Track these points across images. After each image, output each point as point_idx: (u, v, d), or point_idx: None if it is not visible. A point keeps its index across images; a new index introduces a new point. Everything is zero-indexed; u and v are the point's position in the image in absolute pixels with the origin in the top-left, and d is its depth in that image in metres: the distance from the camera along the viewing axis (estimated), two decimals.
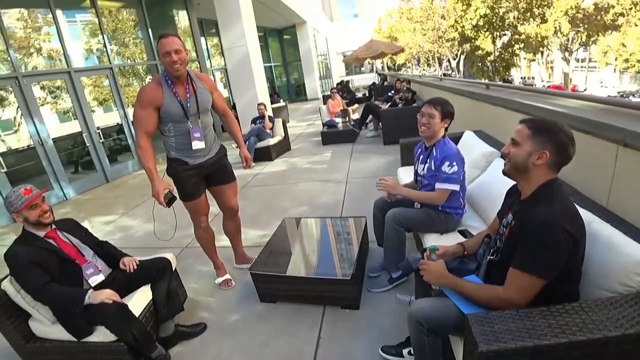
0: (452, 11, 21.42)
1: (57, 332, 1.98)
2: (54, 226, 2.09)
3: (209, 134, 2.39)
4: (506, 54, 24.38)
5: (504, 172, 1.38)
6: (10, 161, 5.93)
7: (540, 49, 24.61)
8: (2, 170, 5.59)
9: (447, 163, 2.15)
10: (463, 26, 20.73)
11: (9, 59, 5.97)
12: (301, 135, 8.89)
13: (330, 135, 7.28)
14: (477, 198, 2.41)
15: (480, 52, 27.22)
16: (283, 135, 7.05)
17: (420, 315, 1.39)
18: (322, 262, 2.48)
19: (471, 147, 2.84)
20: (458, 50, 27.13)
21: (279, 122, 7.05)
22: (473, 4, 19.06)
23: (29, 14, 6.68)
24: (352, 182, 4.72)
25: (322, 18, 28.00)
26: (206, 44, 12.35)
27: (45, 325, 2.01)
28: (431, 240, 2.21)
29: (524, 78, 34.16)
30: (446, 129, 2.31)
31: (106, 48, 7.60)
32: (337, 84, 15.89)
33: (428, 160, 2.29)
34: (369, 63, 31.33)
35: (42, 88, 7.04)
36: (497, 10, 19.04)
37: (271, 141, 6.62)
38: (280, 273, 2.37)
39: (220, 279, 2.76)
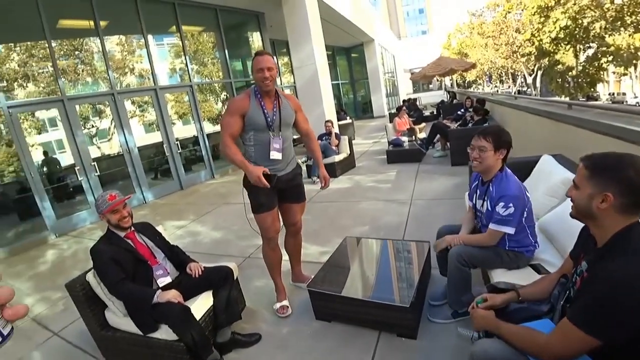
0: (528, 24, 20.00)
1: (127, 325, 2.14)
2: (133, 228, 2.29)
3: (287, 148, 2.45)
4: (591, 68, 21.94)
5: (572, 216, 1.20)
6: (102, 166, 6.66)
7: (634, 61, 21.72)
8: (96, 174, 6.31)
9: (502, 204, 1.94)
10: (540, 40, 19.13)
11: (107, 78, 6.81)
12: (366, 153, 8.83)
13: (396, 154, 7.12)
14: (554, 230, 2.13)
15: (560, 67, 24.93)
16: (348, 152, 7.04)
17: (484, 359, 1.24)
18: (381, 285, 2.38)
19: (549, 173, 2.56)
20: (535, 66, 25.22)
21: (345, 139, 7.07)
22: (552, 16, 17.50)
23: (126, 39, 7.57)
24: (416, 204, 4.53)
25: (389, 36, 28.03)
26: (277, 63, 12.91)
27: (118, 316, 2.19)
28: (499, 275, 2.00)
29: (613, 94, 30.40)
30: (504, 160, 2.06)
31: (187, 68, 8.30)
32: (404, 102, 15.64)
33: (485, 198, 2.09)
34: (437, 80, 30.52)
35: (132, 103, 7.87)
36: (580, 21, 17.27)
37: (336, 158, 6.64)
38: (338, 293, 2.30)
39: (278, 305, 2.63)
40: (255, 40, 10.66)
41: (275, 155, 2.36)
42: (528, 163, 2.94)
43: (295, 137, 3.11)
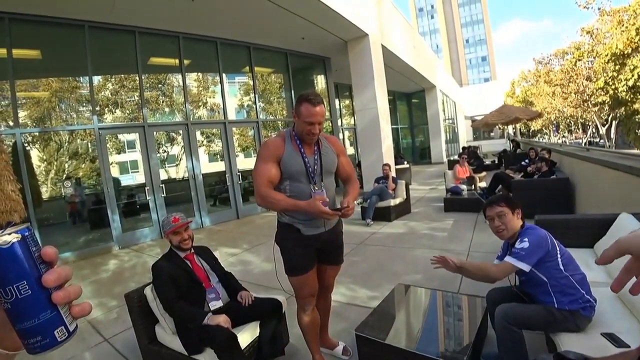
0: (601, 72, 18.90)
1: (174, 342, 2.20)
2: (192, 250, 2.40)
3: (330, 201, 2.08)
4: None
5: None
6: (168, 188, 7.18)
7: None
8: (163, 195, 6.81)
9: (519, 239, 1.94)
10: (616, 88, 17.84)
11: (184, 109, 7.46)
12: (422, 199, 8.61)
13: (454, 202, 6.85)
14: (633, 297, 1.88)
15: (639, 117, 23.01)
16: (405, 197, 6.92)
17: None
18: (433, 338, 2.23)
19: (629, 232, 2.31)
20: (609, 115, 23.47)
21: (402, 183, 6.99)
22: (629, 63, 16.39)
23: (203, 76, 8.32)
24: (473, 256, 4.27)
25: (451, 83, 27.95)
26: (339, 105, 13.37)
27: (167, 333, 2.26)
28: (567, 342, 1.78)
29: None
30: (523, 219, 2.05)
31: (255, 105, 8.87)
32: (464, 149, 15.24)
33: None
34: (499, 129, 29.49)
35: (201, 133, 8.47)
36: None
37: (392, 202, 6.55)
38: (388, 343, 2.18)
39: None
40: (320, 82, 11.20)
41: (320, 197, 2.00)
42: (603, 221, 2.74)
43: None
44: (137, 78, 6.79)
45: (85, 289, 4.24)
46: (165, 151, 8.05)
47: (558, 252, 1.90)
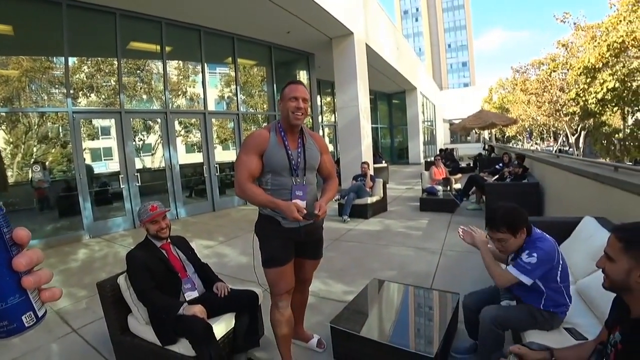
0: (573, 84, 19.74)
1: (147, 333, 2.16)
2: (169, 240, 2.36)
3: (311, 196, 2.07)
4: None
5: (605, 288, 1.15)
6: (144, 177, 7.00)
7: None
8: (137, 184, 6.64)
9: (527, 251, 1.88)
10: (586, 100, 18.70)
11: (163, 98, 7.28)
12: (399, 198, 8.75)
13: (430, 202, 7.02)
14: (593, 294, 2.04)
15: (606, 128, 24.20)
16: (382, 195, 7.02)
17: None
18: (405, 332, 2.30)
19: (591, 236, 2.47)
20: (578, 126, 24.62)
21: (379, 182, 7.08)
22: (599, 77, 17.24)
23: (184, 64, 8.16)
24: (446, 255, 4.39)
25: (431, 86, 28.45)
26: (321, 102, 13.38)
27: (140, 323, 2.22)
28: (532, 336, 1.90)
29: None
30: (528, 232, 1.96)
31: (237, 97, 8.75)
32: (441, 151, 15.59)
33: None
34: (476, 133, 30.32)
35: (180, 123, 8.30)
36: (629, 84, 16.92)
37: (369, 200, 6.64)
38: (362, 335, 2.23)
39: None
40: (303, 78, 11.17)
41: (297, 203, 1.92)
42: (568, 224, 2.87)
43: None
44: (116, 62, 6.56)
45: (53, 279, 4.08)
46: (141, 139, 7.84)
47: (560, 265, 1.91)
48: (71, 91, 6.05)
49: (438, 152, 16.12)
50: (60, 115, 6.12)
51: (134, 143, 7.02)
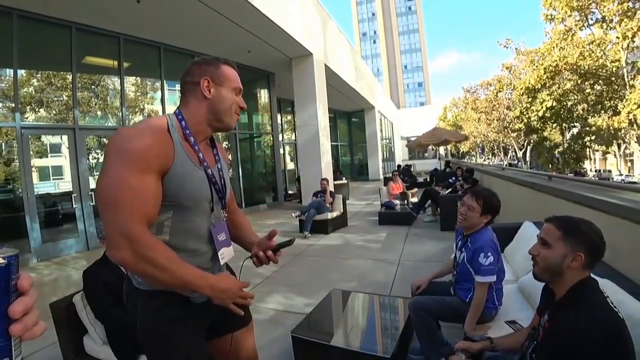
0: (518, 103, 21.61)
1: (105, 352, 2.10)
2: None
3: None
4: (576, 145, 23.66)
5: (535, 276, 1.31)
6: None
7: (614, 141, 23.78)
8: (92, 204, 6.41)
9: (482, 254, 2.02)
10: (529, 117, 20.69)
11: (120, 114, 7.14)
12: (359, 214, 8.98)
13: (388, 216, 7.27)
14: (532, 290, 2.24)
15: (548, 142, 26.64)
16: (342, 211, 7.19)
17: None
18: (364, 337, 2.41)
19: (529, 238, 2.73)
20: (525, 141, 26.79)
21: (339, 198, 7.25)
22: (539, 97, 19.16)
23: (142, 81, 8.10)
24: (404, 264, 4.60)
25: (389, 105, 29.62)
26: (281, 120, 13.53)
27: (97, 344, 2.16)
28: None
29: (599, 171, 32.55)
30: (488, 223, 2.16)
31: None
32: (398, 167, 16.19)
33: (463, 250, 2.20)
34: (433, 149, 31.72)
35: None
36: (564, 103, 18.94)
37: (329, 215, 6.77)
38: (322, 342, 2.32)
39: None
40: (263, 96, 11.34)
41: (226, 254, 1.29)
42: (511, 229, 3.17)
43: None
44: (70, 76, 6.33)
45: None
46: (95, 158, 7.56)
47: (498, 260, 2.07)
48: (19, 105, 5.76)
49: (396, 168, 16.73)
50: (5, 131, 5.79)
51: (87, 161, 6.76)
